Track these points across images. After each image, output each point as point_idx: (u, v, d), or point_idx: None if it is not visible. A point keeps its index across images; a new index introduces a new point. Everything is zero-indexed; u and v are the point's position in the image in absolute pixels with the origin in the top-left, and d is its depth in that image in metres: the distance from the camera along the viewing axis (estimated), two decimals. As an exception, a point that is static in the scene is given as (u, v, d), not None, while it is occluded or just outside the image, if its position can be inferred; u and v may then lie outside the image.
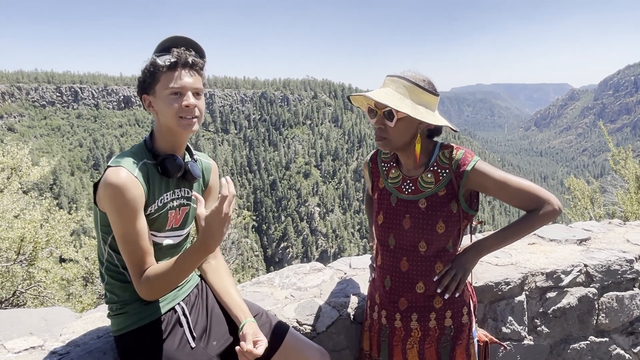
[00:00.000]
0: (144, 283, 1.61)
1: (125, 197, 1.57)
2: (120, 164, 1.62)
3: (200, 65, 1.73)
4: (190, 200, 1.86)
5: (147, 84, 1.70)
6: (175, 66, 1.65)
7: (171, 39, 1.71)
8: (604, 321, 2.70)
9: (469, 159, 1.78)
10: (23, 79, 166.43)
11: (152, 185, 1.70)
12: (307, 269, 2.73)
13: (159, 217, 1.73)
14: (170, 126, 1.70)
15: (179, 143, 1.78)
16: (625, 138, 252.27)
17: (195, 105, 1.68)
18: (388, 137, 1.78)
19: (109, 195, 1.58)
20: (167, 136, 1.75)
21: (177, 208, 1.80)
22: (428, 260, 1.83)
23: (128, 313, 1.73)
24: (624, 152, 7.87)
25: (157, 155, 1.74)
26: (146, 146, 1.76)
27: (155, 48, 1.72)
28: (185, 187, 1.84)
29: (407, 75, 1.75)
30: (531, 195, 1.77)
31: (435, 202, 1.81)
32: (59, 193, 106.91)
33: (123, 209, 1.58)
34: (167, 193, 1.76)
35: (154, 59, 1.67)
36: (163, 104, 1.67)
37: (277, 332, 1.92)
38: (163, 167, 1.72)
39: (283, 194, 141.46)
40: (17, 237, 5.09)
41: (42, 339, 1.95)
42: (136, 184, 1.61)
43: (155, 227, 1.73)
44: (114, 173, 1.59)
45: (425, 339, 1.87)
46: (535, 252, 2.83)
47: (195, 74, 1.70)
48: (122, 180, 1.57)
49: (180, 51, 1.67)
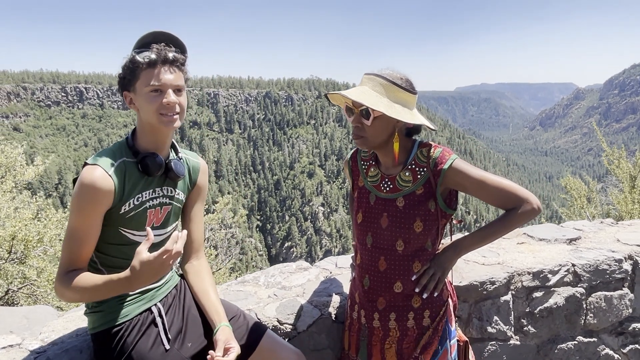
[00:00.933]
0: (63, 285, 1.57)
1: (91, 196, 1.57)
2: (97, 163, 1.62)
3: (181, 61, 1.71)
4: (173, 199, 1.84)
5: (127, 81, 1.68)
6: (155, 63, 1.63)
7: (151, 35, 1.69)
8: (593, 321, 2.68)
9: (446, 157, 1.76)
10: (28, 79, 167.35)
11: (129, 184, 1.68)
12: (294, 267, 2.72)
13: (135, 215, 1.72)
14: (151, 123, 1.69)
15: (162, 141, 1.76)
16: (631, 137, 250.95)
17: (176, 103, 1.67)
18: (365, 135, 1.76)
19: (78, 191, 1.59)
20: (149, 134, 1.73)
21: (156, 207, 1.78)
22: (406, 260, 1.82)
23: (104, 311, 1.73)
24: (617, 152, 7.83)
25: (137, 153, 1.72)
26: (127, 144, 1.74)
27: (135, 44, 1.70)
28: (169, 186, 1.82)
29: (384, 73, 1.73)
30: (510, 194, 1.75)
31: (413, 200, 1.79)
32: (64, 192, 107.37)
33: (84, 207, 1.58)
34: (147, 192, 1.75)
35: (133, 55, 1.65)
36: (143, 101, 1.65)
37: (254, 334, 1.90)
38: (143, 165, 1.70)
39: (287, 193, 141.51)
40: (9, 235, 5.12)
41: (21, 337, 1.94)
42: (108, 184, 1.60)
43: (131, 225, 1.72)
44: (88, 171, 1.59)
45: (403, 338, 1.85)
46: (524, 251, 2.81)
47: (175, 70, 1.68)
48: (93, 179, 1.58)
49: (160, 47, 1.65)
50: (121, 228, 1.71)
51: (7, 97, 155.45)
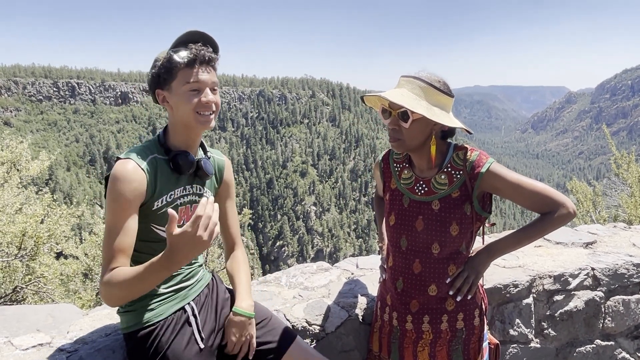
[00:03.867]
0: (104, 285, 1.53)
1: (125, 189, 1.57)
2: (129, 157, 1.62)
3: (216, 60, 1.72)
4: (201, 197, 1.84)
5: (163, 80, 1.68)
6: (193, 63, 1.65)
7: (188, 34, 1.70)
8: (610, 325, 2.70)
9: (484, 161, 1.77)
10: (20, 73, 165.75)
11: (160, 180, 1.69)
12: (314, 268, 2.72)
13: (167, 212, 1.70)
14: (186, 122, 1.70)
15: (193, 139, 1.78)
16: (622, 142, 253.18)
17: (213, 101, 1.69)
18: (402, 138, 1.76)
19: (111, 183, 1.58)
20: (182, 132, 1.74)
21: (187, 204, 1.80)
22: (441, 263, 1.82)
23: (137, 311, 1.72)
24: (627, 156, 7.89)
25: (169, 151, 1.73)
26: (159, 141, 1.75)
27: (172, 43, 1.71)
28: (198, 184, 1.83)
29: (422, 75, 1.73)
30: (545, 198, 1.75)
31: (449, 203, 1.79)
32: (54, 188, 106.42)
33: (118, 200, 1.57)
34: (178, 189, 1.75)
35: (170, 54, 1.66)
36: (180, 100, 1.66)
37: (284, 339, 1.91)
38: (175, 163, 1.71)
39: (279, 192, 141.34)
40: (19, 231, 5.06)
41: (50, 336, 1.93)
42: (140, 177, 1.60)
43: (164, 222, 1.71)
44: (121, 164, 1.60)
45: (436, 341, 1.86)
46: (542, 254, 2.82)
47: (211, 69, 1.71)
48: (126, 172, 1.58)
49: (198, 47, 1.66)
50: (153, 225, 1.72)
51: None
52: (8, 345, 1.84)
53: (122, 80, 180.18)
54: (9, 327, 1.97)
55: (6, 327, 1.98)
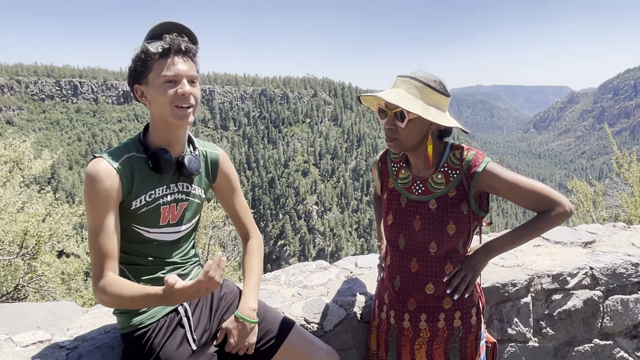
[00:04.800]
0: (99, 291, 1.56)
1: (96, 188, 1.55)
2: (102, 156, 1.60)
3: (194, 51, 1.66)
4: (189, 195, 1.80)
5: (139, 73, 1.63)
6: (168, 53, 1.59)
7: (162, 25, 1.65)
8: (609, 324, 2.70)
9: (480, 160, 1.77)
10: (22, 72, 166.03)
11: (138, 179, 1.66)
12: (313, 267, 2.73)
13: (147, 212, 1.69)
14: (164, 117, 1.64)
15: (175, 136, 1.71)
16: (624, 142, 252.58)
17: (191, 93, 1.62)
18: (399, 137, 1.77)
19: (85, 184, 1.57)
20: (162, 128, 1.69)
21: (171, 203, 1.75)
22: (438, 261, 1.83)
23: (130, 313, 1.72)
24: (628, 156, 7.87)
25: (148, 149, 1.69)
26: (139, 139, 1.71)
27: (146, 35, 1.66)
28: (184, 182, 1.79)
29: (418, 75, 1.74)
30: (542, 197, 1.76)
31: (446, 203, 1.80)
32: (56, 187, 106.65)
33: (93, 199, 1.56)
34: (159, 188, 1.71)
35: (145, 46, 1.60)
36: (157, 93, 1.60)
37: (282, 329, 1.91)
38: (153, 161, 1.67)
39: (281, 191, 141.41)
40: (21, 230, 5.08)
41: (50, 333, 1.94)
42: (112, 175, 1.58)
43: (145, 222, 1.70)
44: (93, 164, 1.58)
45: (433, 339, 1.87)
46: (541, 254, 2.83)
47: (188, 60, 1.64)
48: (96, 170, 1.56)
49: (173, 37, 1.60)
50: (134, 225, 1.69)
51: (0, 90, 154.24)
52: (8, 342, 1.86)
53: (125, 80, 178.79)
54: (9, 324, 1.99)
55: (7, 324, 1.99)
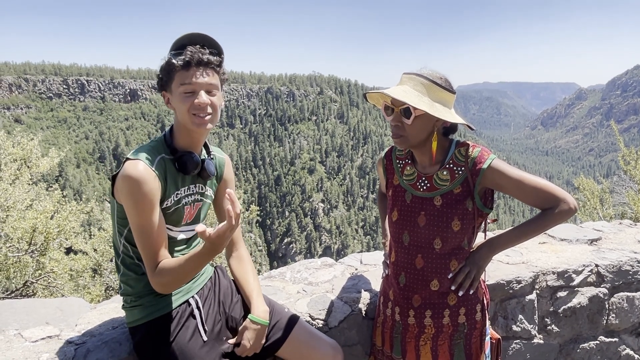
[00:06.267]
0: (157, 276, 1.64)
1: (143, 190, 1.60)
2: (139, 157, 1.65)
3: (216, 62, 1.73)
4: (203, 196, 1.89)
5: (165, 82, 1.73)
6: (189, 65, 1.67)
7: (187, 37, 1.72)
8: (614, 321, 2.70)
9: (485, 157, 1.78)
10: (30, 71, 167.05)
11: (169, 180, 1.73)
12: (318, 264, 2.75)
13: (175, 211, 1.77)
14: (184, 123, 1.73)
15: (196, 140, 1.81)
16: (633, 139, 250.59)
17: (207, 103, 1.69)
18: (405, 134, 1.78)
19: (127, 187, 1.60)
20: (184, 133, 1.77)
21: (191, 204, 1.84)
22: (443, 258, 1.84)
23: (142, 305, 1.76)
24: (635, 153, 7.82)
25: (175, 151, 1.77)
26: (165, 141, 1.78)
27: (171, 46, 1.73)
28: (200, 183, 1.87)
29: (424, 72, 1.75)
30: (547, 194, 1.76)
31: (451, 199, 1.81)
32: (64, 185, 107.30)
33: (140, 201, 1.60)
34: (183, 188, 1.79)
35: (169, 57, 1.69)
36: (177, 102, 1.70)
37: (287, 323, 1.95)
38: (181, 163, 1.74)
39: (287, 189, 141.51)
40: (29, 227, 5.14)
41: (59, 329, 1.97)
42: (153, 177, 1.64)
43: (171, 221, 1.77)
44: (132, 166, 1.62)
45: (438, 335, 1.88)
46: (546, 251, 2.83)
47: (210, 71, 1.71)
48: (139, 173, 1.60)
49: (194, 50, 1.67)
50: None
51: (8, 89, 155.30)
52: (18, 337, 1.89)
53: (131, 78, 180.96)
54: (19, 320, 2.02)
55: (16, 319, 2.03)
